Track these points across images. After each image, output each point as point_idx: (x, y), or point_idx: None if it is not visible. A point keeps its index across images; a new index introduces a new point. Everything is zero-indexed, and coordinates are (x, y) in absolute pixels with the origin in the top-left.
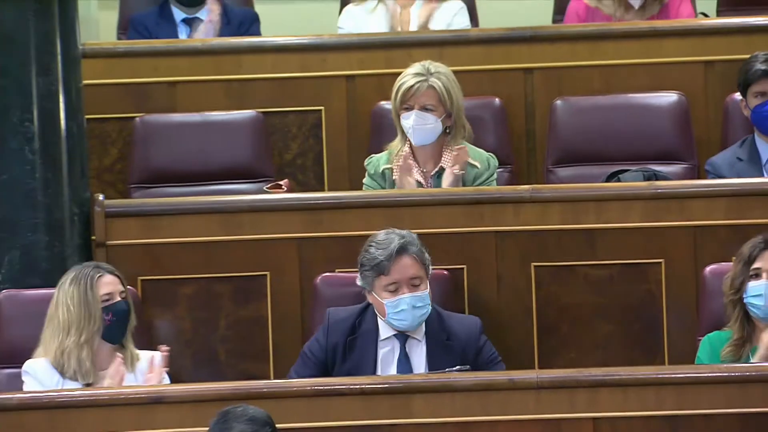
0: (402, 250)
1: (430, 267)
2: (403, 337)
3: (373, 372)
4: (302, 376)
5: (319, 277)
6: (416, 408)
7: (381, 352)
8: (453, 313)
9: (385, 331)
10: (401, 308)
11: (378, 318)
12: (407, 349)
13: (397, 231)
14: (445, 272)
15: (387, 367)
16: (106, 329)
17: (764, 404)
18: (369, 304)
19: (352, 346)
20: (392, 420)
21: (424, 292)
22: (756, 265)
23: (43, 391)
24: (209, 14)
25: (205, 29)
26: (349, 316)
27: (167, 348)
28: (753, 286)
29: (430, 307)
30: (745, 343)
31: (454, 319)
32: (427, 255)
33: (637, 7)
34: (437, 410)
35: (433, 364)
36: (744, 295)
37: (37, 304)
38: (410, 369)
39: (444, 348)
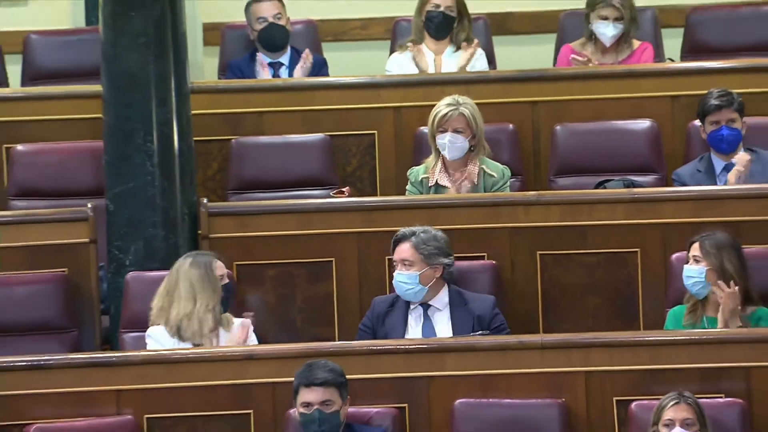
0: (401, 238)
1: (434, 257)
2: (425, 306)
3: (403, 332)
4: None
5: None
6: (448, 364)
7: (410, 318)
8: (474, 293)
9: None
10: (396, 281)
11: None
12: (431, 316)
13: (420, 228)
14: (485, 261)
15: (414, 329)
16: (224, 301)
17: (718, 360)
18: None
19: (389, 314)
20: (429, 373)
21: (411, 272)
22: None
23: (161, 350)
24: (304, 61)
25: (301, 71)
26: (389, 297)
27: (252, 314)
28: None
29: (419, 286)
30: (699, 313)
31: (475, 296)
32: (432, 250)
33: (608, 45)
34: (464, 366)
35: (455, 328)
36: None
37: (155, 283)
38: (432, 331)
39: (463, 316)
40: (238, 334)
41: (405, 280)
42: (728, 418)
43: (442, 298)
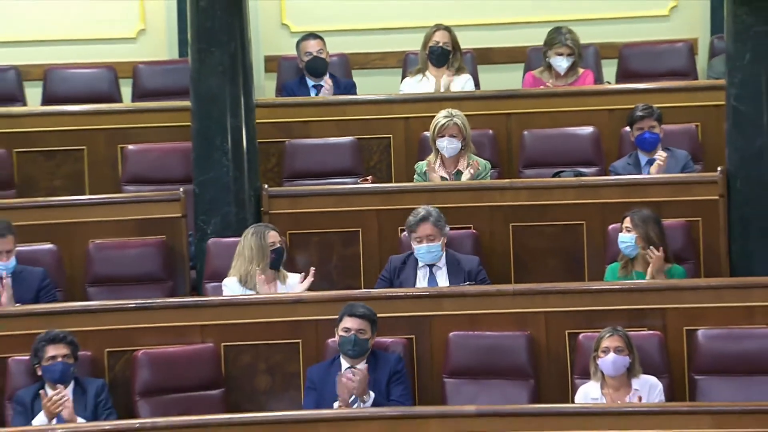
0: (423, 219)
1: (447, 229)
2: (430, 265)
3: (414, 283)
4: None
5: (403, 234)
6: (445, 306)
7: (419, 273)
8: (463, 255)
9: (420, 262)
10: (421, 252)
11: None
12: (434, 273)
13: (428, 207)
14: (472, 230)
15: (422, 281)
16: (271, 262)
17: (642, 303)
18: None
19: (403, 269)
20: (430, 313)
21: (435, 243)
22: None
23: (234, 295)
24: (326, 85)
25: (326, 91)
26: (402, 256)
27: (314, 269)
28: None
29: (441, 251)
30: (629, 268)
31: (464, 257)
32: (443, 223)
33: (563, 73)
34: (456, 307)
35: (451, 280)
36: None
37: (229, 247)
38: (435, 282)
39: (456, 272)
40: (299, 286)
41: (432, 250)
42: (649, 346)
43: (442, 259)
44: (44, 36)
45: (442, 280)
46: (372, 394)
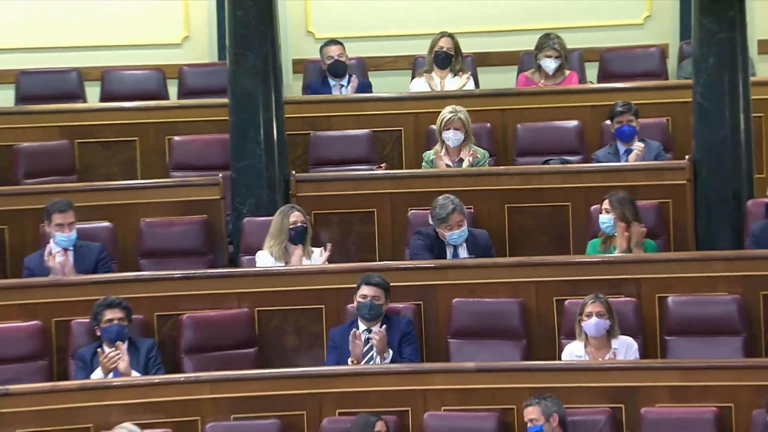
0: (453, 210)
1: (466, 213)
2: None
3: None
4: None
5: (410, 213)
6: (449, 276)
7: (448, 251)
8: (475, 229)
9: (454, 244)
10: (453, 237)
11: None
12: (458, 249)
13: (449, 197)
14: (471, 210)
15: (449, 257)
16: (293, 237)
17: (620, 273)
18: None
19: (439, 245)
20: (436, 282)
21: (464, 228)
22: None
23: (268, 266)
24: (353, 82)
25: (352, 88)
26: (432, 232)
27: (330, 245)
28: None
29: (467, 232)
30: (608, 243)
31: (477, 232)
32: (465, 209)
33: (551, 74)
34: (458, 277)
35: (470, 252)
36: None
37: (261, 225)
38: (458, 256)
39: (473, 246)
40: (320, 259)
41: (462, 234)
42: (626, 310)
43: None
44: (102, 42)
45: (464, 254)
46: (391, 351)
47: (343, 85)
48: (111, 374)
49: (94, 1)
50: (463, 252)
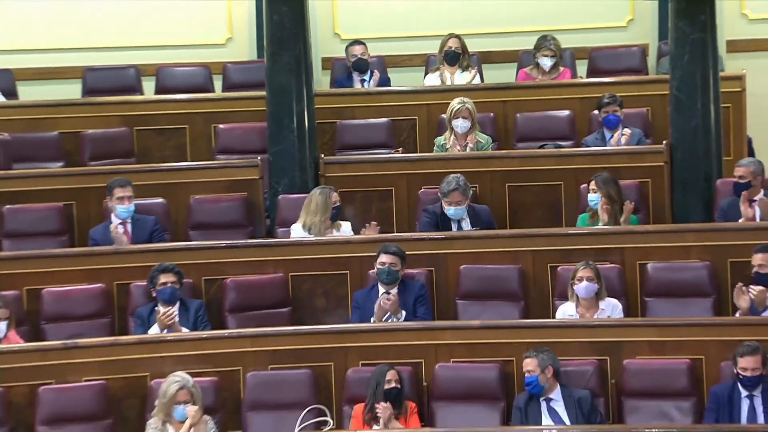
0: (454, 189)
1: (470, 192)
2: (458, 219)
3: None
4: (425, 229)
5: (420, 191)
6: (455, 246)
7: (454, 226)
8: (477, 205)
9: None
10: (450, 212)
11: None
12: (461, 222)
13: (459, 177)
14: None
15: (453, 229)
16: (334, 215)
17: (606, 243)
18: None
19: (443, 221)
20: (446, 251)
21: (462, 207)
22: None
23: (299, 238)
24: (375, 76)
25: (375, 81)
26: (438, 209)
27: (375, 223)
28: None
29: (465, 210)
30: (595, 218)
31: (479, 208)
32: (468, 191)
33: (547, 70)
34: (465, 247)
35: (472, 225)
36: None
37: (296, 202)
38: (461, 229)
39: (475, 220)
40: (367, 231)
41: (459, 211)
42: (611, 275)
43: (465, 213)
44: (156, 42)
45: (466, 227)
46: (403, 312)
47: (365, 80)
48: (165, 330)
49: (150, 7)
50: (466, 225)
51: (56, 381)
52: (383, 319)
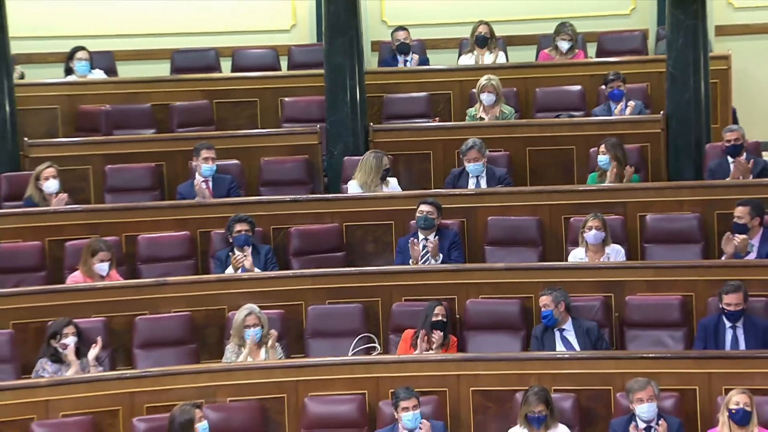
0: (471, 147)
1: (486, 152)
2: (476, 175)
3: (467, 187)
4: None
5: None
6: (484, 200)
7: (470, 181)
8: (495, 167)
9: (471, 175)
10: (470, 168)
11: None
12: (479, 179)
13: (477, 140)
14: (505, 152)
15: (472, 186)
16: (384, 176)
17: (612, 198)
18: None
19: (461, 179)
20: (475, 204)
21: (479, 163)
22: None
23: (353, 193)
24: (415, 58)
25: (415, 62)
26: (456, 170)
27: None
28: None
29: (483, 168)
30: (604, 177)
31: (497, 169)
32: (484, 150)
33: (565, 52)
34: (492, 201)
35: (488, 184)
36: None
37: (350, 163)
38: (479, 186)
39: (491, 179)
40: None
41: (478, 167)
42: (616, 225)
43: (483, 172)
44: (233, 29)
45: (483, 184)
46: (441, 255)
47: (407, 60)
48: (240, 270)
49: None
50: (483, 183)
51: (149, 312)
52: (421, 262)
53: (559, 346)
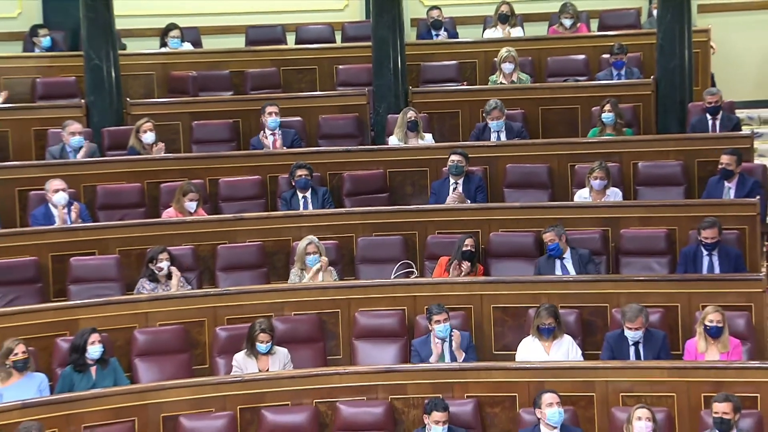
0: (494, 108)
1: (505, 111)
2: (498, 131)
3: (490, 139)
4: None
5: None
6: (504, 150)
7: (492, 135)
8: (513, 122)
9: (493, 130)
10: (493, 125)
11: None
12: (499, 134)
13: (498, 101)
14: (521, 111)
15: (494, 138)
16: (409, 127)
17: (613, 149)
18: None
19: (484, 132)
20: (497, 154)
21: (501, 120)
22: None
23: (395, 145)
24: (444, 33)
25: (444, 35)
26: (480, 125)
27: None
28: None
29: (503, 123)
30: (603, 131)
31: (514, 124)
32: (505, 109)
33: (568, 27)
34: (511, 151)
35: (507, 136)
36: None
37: (392, 120)
38: (500, 138)
39: (509, 132)
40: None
41: (500, 124)
42: (614, 171)
43: (503, 127)
44: (296, 8)
45: (503, 137)
46: (468, 201)
47: (440, 35)
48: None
49: None
50: (503, 136)
51: (229, 241)
52: (453, 203)
53: (558, 272)
